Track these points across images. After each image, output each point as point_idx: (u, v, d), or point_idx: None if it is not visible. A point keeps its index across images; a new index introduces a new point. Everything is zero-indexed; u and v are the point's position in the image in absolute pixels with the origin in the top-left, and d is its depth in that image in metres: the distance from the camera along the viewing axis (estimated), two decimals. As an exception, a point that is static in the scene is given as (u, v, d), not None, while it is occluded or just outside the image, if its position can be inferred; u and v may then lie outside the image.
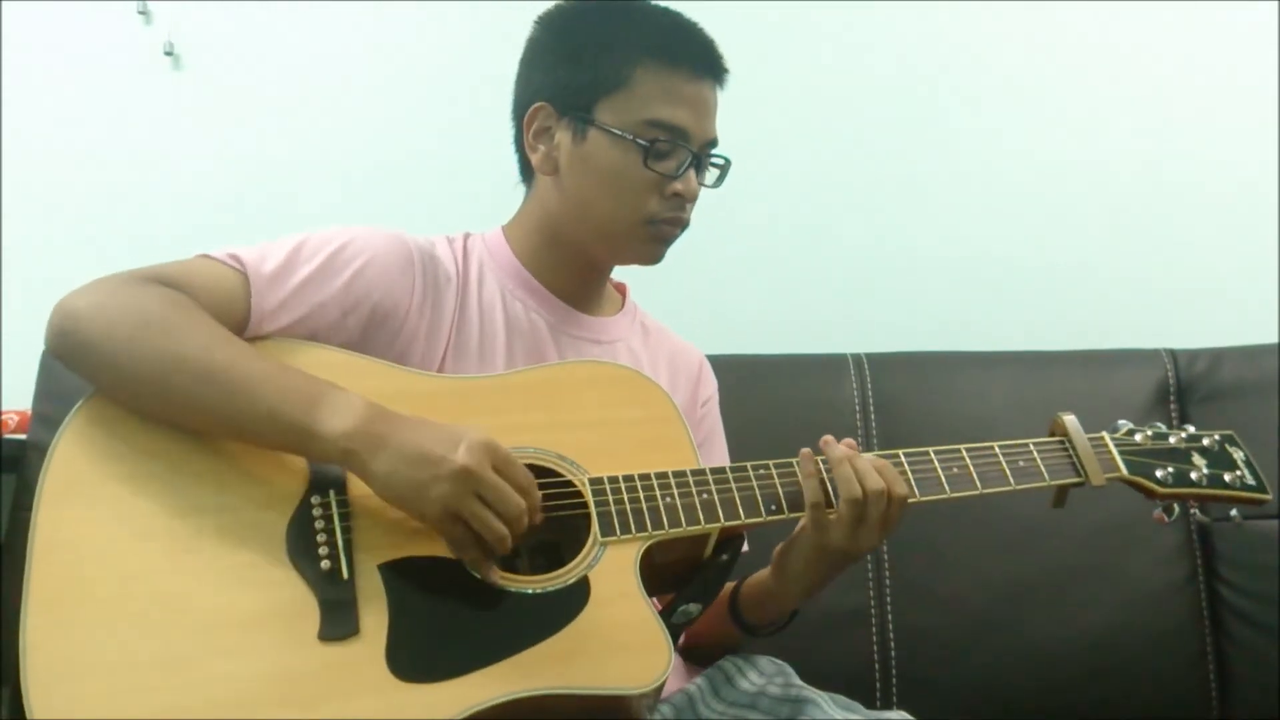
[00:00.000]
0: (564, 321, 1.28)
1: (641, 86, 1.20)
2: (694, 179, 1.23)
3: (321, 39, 2.02)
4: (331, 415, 1.01)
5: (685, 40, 1.24)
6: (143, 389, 1.04)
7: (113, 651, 0.93)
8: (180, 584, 0.97)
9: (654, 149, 1.20)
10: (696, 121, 1.22)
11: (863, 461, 1.13)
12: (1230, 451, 1.29)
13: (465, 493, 0.99)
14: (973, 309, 2.08)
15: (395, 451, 1.00)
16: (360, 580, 1.00)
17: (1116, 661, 1.70)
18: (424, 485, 0.99)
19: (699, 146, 1.23)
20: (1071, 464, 1.23)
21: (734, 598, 1.25)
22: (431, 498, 0.99)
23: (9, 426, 1.72)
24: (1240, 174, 2.10)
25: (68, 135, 1.96)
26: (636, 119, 1.20)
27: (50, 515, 0.99)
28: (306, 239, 1.17)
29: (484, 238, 1.31)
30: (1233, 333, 1.91)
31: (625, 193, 1.21)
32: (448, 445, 1.00)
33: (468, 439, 1.00)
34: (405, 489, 1.00)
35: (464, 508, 1.00)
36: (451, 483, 0.99)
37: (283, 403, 1.02)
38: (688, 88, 1.21)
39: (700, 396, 1.39)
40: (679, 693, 1.23)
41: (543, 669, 0.98)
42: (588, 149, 1.22)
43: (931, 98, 2.11)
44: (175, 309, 1.06)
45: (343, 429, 1.01)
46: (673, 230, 1.25)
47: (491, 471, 1.00)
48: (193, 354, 1.03)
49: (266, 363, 1.06)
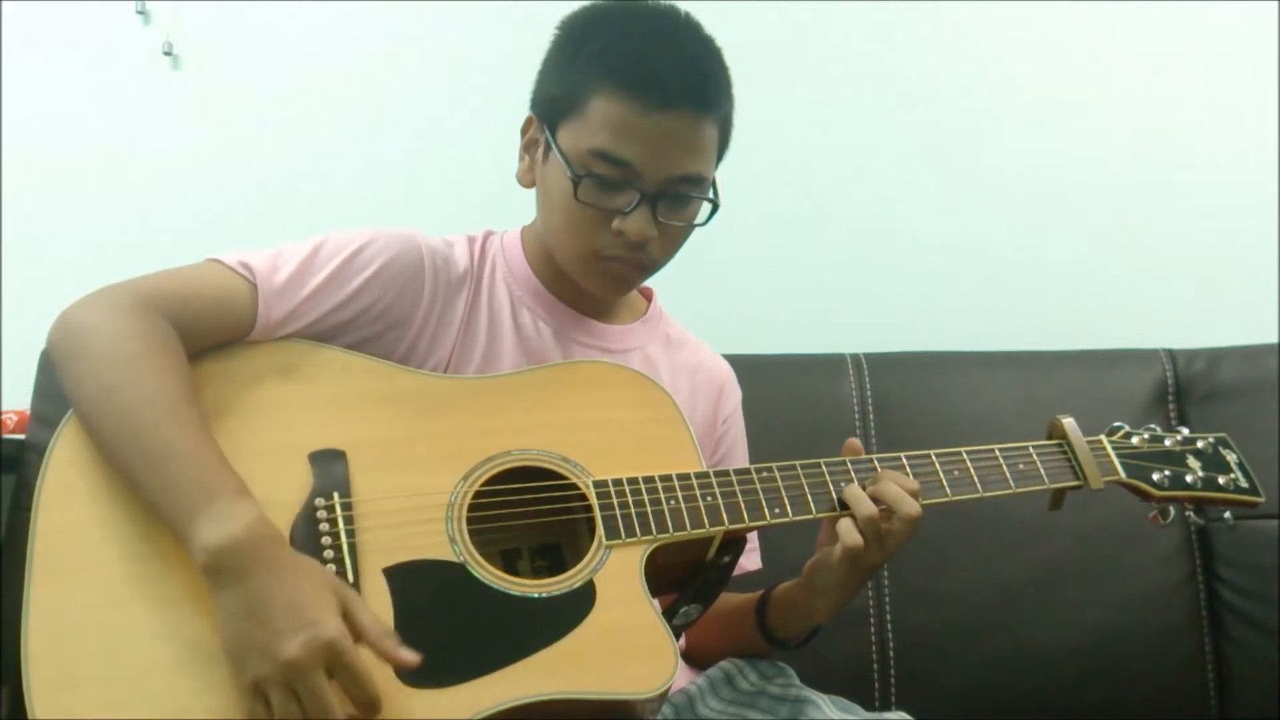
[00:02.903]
0: (572, 329, 1.26)
1: (594, 114, 1.13)
2: (644, 219, 1.14)
3: (320, 39, 2.02)
4: (213, 524, 0.94)
5: (653, 67, 1.12)
6: (82, 415, 1.02)
7: (114, 657, 0.93)
8: (182, 590, 0.97)
9: (585, 181, 1.13)
10: (650, 157, 1.12)
11: (905, 480, 1.13)
12: (1224, 454, 1.31)
13: (281, 683, 0.90)
14: (971, 308, 2.08)
15: (244, 596, 0.92)
16: (366, 585, 1.00)
17: (1115, 662, 1.70)
18: (246, 652, 0.91)
19: (657, 184, 1.13)
20: (1070, 467, 1.24)
21: (762, 609, 1.23)
22: (247, 667, 0.91)
23: (8, 426, 1.72)
24: (1240, 174, 2.10)
25: (66, 135, 1.95)
26: (585, 147, 1.13)
27: (49, 520, 0.98)
28: (324, 242, 1.16)
29: (503, 239, 1.30)
30: (1232, 333, 1.91)
31: (569, 223, 1.17)
32: (295, 624, 0.90)
33: (314, 630, 0.90)
34: (230, 640, 0.92)
35: (273, 695, 0.91)
36: (270, 666, 0.90)
37: (179, 488, 0.96)
38: (645, 120, 1.11)
39: (722, 413, 1.36)
40: (679, 693, 1.23)
41: (549, 674, 0.98)
42: (547, 170, 1.18)
43: (930, 96, 2.11)
44: (148, 353, 1.02)
45: (212, 543, 0.93)
46: (622, 268, 1.18)
47: (320, 676, 0.90)
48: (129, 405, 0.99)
49: (196, 443, 0.99)
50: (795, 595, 1.20)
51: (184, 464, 0.97)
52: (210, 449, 0.99)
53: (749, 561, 1.33)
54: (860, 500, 1.12)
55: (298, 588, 0.93)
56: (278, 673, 0.90)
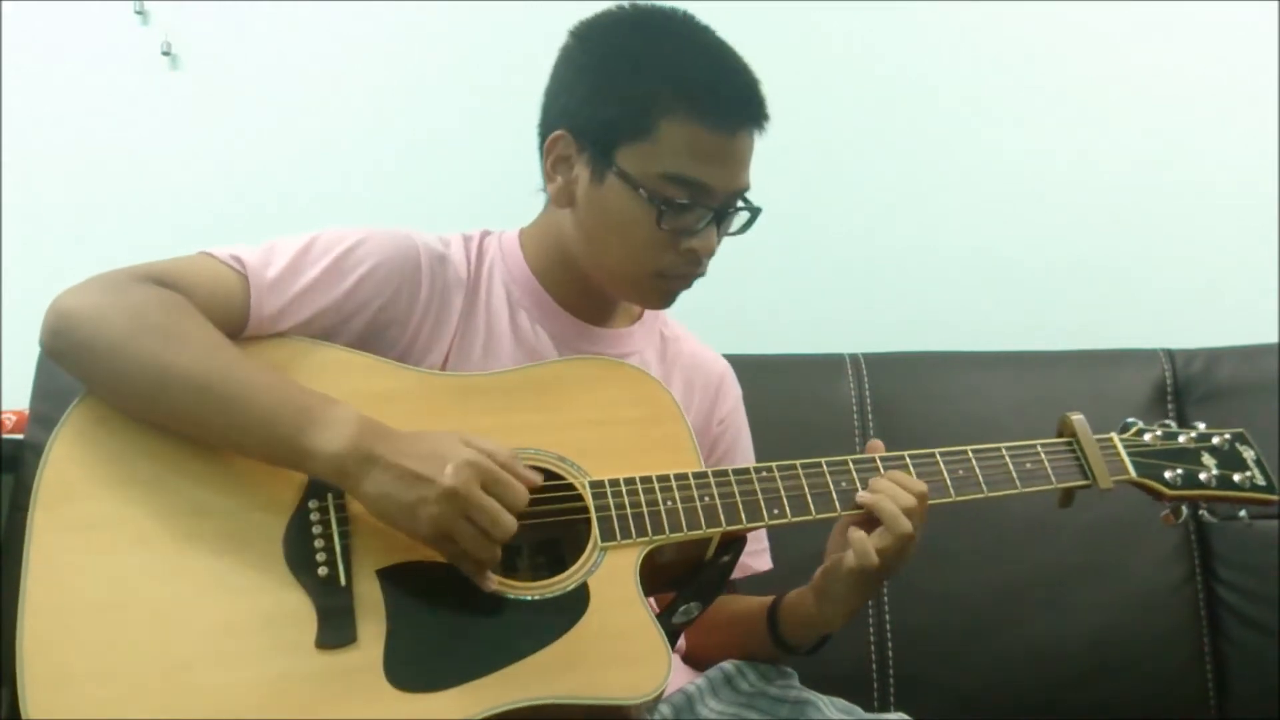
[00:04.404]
0: (571, 334, 1.26)
1: (666, 138, 1.12)
2: (712, 236, 1.16)
3: (319, 39, 2.02)
4: (324, 432, 1.00)
5: (722, 88, 1.14)
6: (135, 395, 1.03)
7: (108, 658, 0.93)
8: (176, 590, 0.97)
9: (669, 209, 1.13)
10: (723, 176, 1.14)
11: (900, 493, 1.11)
12: (1240, 450, 1.27)
13: (453, 514, 0.98)
14: (970, 309, 2.08)
15: (384, 472, 0.99)
16: (358, 587, 1.00)
17: (1114, 662, 1.70)
18: (413, 507, 0.98)
19: (723, 201, 1.16)
20: (1079, 466, 1.22)
21: (774, 616, 1.22)
22: (421, 519, 0.98)
23: (7, 426, 1.72)
24: (1240, 173, 2.10)
25: (65, 135, 1.95)
26: (656, 171, 1.12)
27: (45, 521, 0.98)
28: (316, 239, 1.15)
29: (500, 239, 1.29)
30: (1231, 333, 1.91)
31: (637, 246, 1.16)
32: (436, 465, 0.98)
33: (456, 459, 0.98)
34: (395, 511, 0.99)
35: (453, 529, 0.98)
36: (439, 505, 0.97)
37: (276, 418, 1.01)
38: (717, 142, 1.13)
39: (718, 413, 1.35)
40: (678, 693, 1.23)
41: (541, 677, 0.98)
42: (604, 193, 1.15)
43: (929, 97, 2.11)
44: (170, 312, 1.05)
45: (335, 449, 0.99)
46: (683, 284, 1.21)
47: (479, 492, 0.98)
48: (187, 362, 1.02)
49: (262, 373, 1.04)
50: (805, 602, 1.18)
51: (268, 395, 1.02)
52: (276, 374, 1.05)
53: (759, 562, 1.33)
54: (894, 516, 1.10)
55: (422, 443, 1.00)
56: (446, 505, 0.97)
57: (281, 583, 0.99)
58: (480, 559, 1.00)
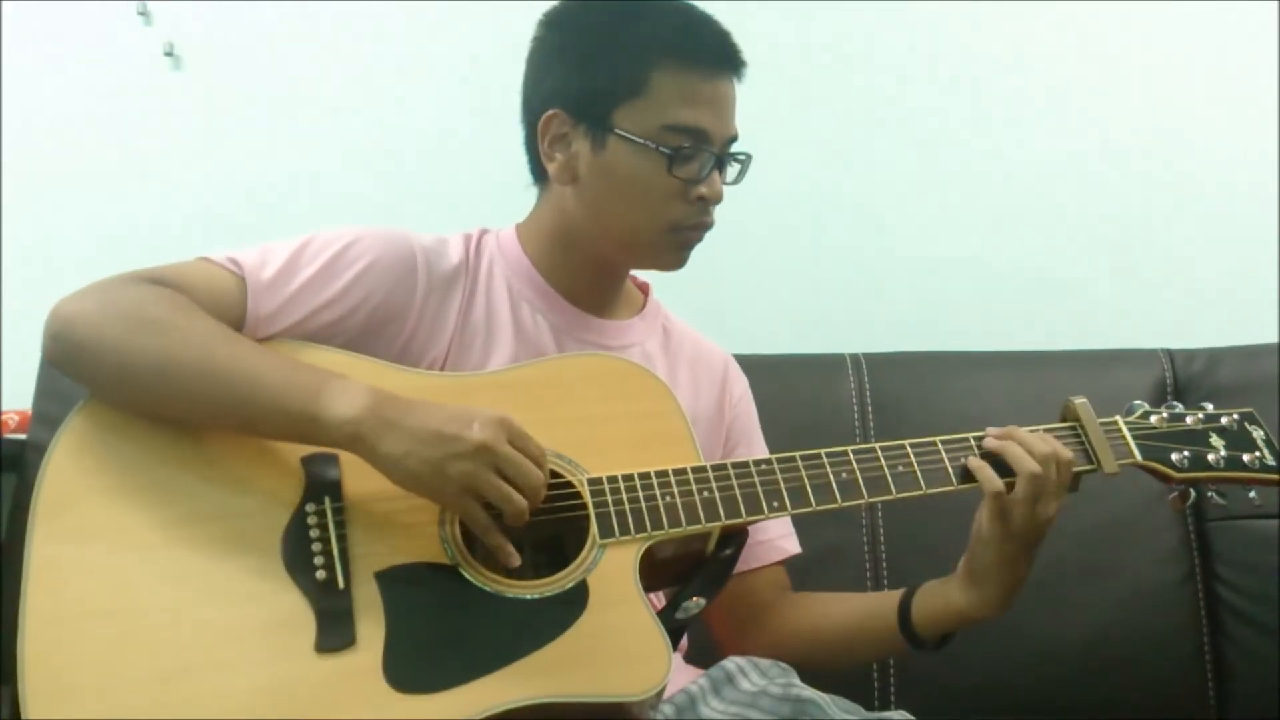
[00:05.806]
0: (572, 325, 1.27)
1: (659, 90, 1.17)
2: (718, 181, 1.20)
3: (321, 39, 2.02)
4: (336, 400, 1.01)
5: (700, 35, 1.20)
6: (141, 388, 1.04)
7: (109, 665, 0.93)
8: (175, 595, 0.97)
9: (677, 155, 1.17)
10: (717, 121, 1.19)
11: (1023, 433, 1.15)
12: (1250, 430, 1.24)
13: (484, 467, 0.99)
14: (970, 309, 2.08)
15: (406, 432, 1.00)
16: (357, 589, 1.00)
17: (1114, 660, 1.70)
18: (440, 463, 0.99)
19: (720, 146, 1.20)
20: (1084, 450, 1.21)
21: (905, 612, 1.23)
22: (450, 475, 0.99)
23: (9, 426, 1.72)
24: (1239, 174, 2.10)
25: (68, 136, 1.96)
26: (656, 125, 1.17)
27: (45, 528, 0.99)
28: (311, 239, 1.17)
29: (498, 235, 1.30)
30: (1231, 333, 1.91)
31: (650, 202, 1.19)
32: (461, 423, 1.00)
33: (481, 415, 1.00)
34: (421, 469, 1.00)
35: (484, 483, 1.00)
36: (470, 459, 0.99)
37: (286, 392, 1.02)
38: (706, 86, 1.18)
39: (729, 398, 1.37)
40: (680, 692, 1.23)
41: (542, 677, 0.98)
42: (608, 158, 1.19)
43: (928, 98, 2.11)
44: (172, 307, 1.06)
45: (349, 413, 1.00)
46: (697, 235, 1.23)
47: (508, 445, 1.00)
48: (193, 350, 1.03)
49: (269, 355, 1.06)
50: (948, 592, 1.21)
51: (276, 373, 1.03)
52: (281, 356, 1.07)
53: (790, 544, 1.35)
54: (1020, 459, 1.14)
55: (438, 407, 1.02)
56: (476, 460, 0.99)
57: (280, 587, 0.99)
58: (509, 514, 1.01)
